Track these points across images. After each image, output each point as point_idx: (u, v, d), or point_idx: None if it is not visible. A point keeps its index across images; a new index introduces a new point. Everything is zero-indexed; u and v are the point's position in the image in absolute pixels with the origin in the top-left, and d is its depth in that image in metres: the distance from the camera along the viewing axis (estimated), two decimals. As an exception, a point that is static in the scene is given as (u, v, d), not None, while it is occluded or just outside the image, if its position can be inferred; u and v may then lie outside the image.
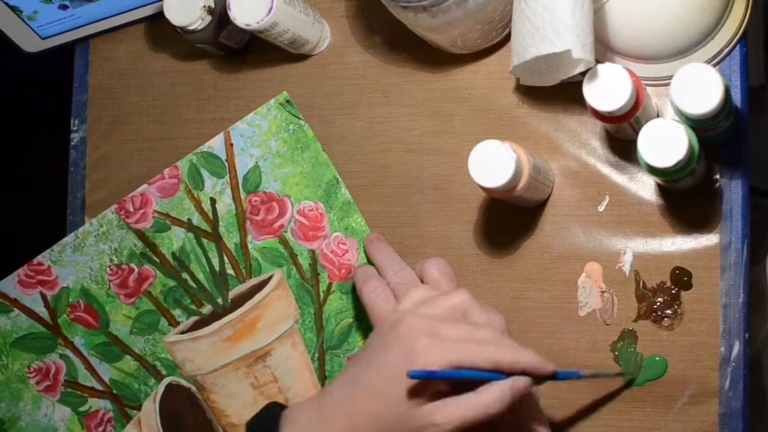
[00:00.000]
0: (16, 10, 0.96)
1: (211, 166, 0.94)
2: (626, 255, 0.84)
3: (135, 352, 0.95)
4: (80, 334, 0.96)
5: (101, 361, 0.95)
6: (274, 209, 0.92)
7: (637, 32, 0.81)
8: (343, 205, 0.91)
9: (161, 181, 0.95)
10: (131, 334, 0.95)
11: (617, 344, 0.83)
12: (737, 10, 0.81)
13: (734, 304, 0.81)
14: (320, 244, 0.91)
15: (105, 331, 0.95)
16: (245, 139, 0.93)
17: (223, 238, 0.93)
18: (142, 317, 0.95)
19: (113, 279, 0.96)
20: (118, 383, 0.95)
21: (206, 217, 0.93)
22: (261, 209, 0.92)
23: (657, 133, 0.74)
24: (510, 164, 0.76)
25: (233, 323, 0.92)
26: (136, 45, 1.00)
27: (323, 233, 0.91)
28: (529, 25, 0.77)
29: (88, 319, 0.96)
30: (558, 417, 0.84)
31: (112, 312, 0.95)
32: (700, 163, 0.77)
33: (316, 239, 0.91)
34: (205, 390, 0.93)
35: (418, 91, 0.91)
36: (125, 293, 0.95)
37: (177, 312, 0.94)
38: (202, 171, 0.94)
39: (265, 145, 0.92)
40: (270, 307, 0.92)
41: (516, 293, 0.86)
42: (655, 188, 0.84)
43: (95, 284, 0.96)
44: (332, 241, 0.91)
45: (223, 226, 0.93)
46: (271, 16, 0.85)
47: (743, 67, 0.82)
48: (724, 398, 0.80)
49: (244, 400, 0.92)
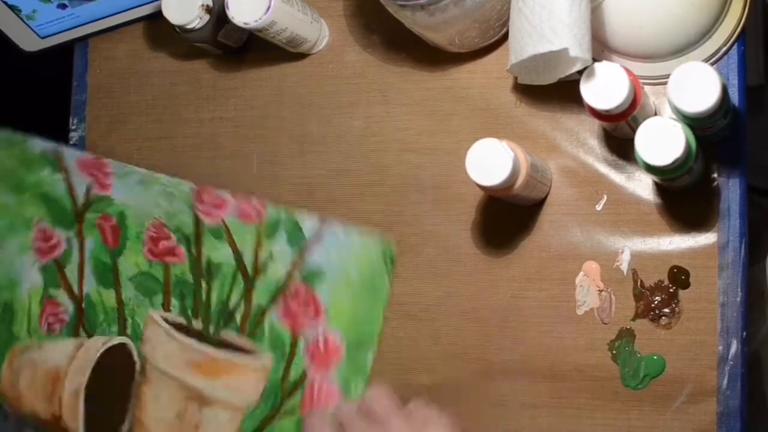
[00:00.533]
0: (15, 10, 0.96)
1: (292, 234, 0.91)
2: (624, 254, 0.84)
3: (120, 294, 0.95)
4: (94, 239, 0.96)
5: (92, 274, 0.96)
6: (310, 310, 0.90)
7: (635, 31, 0.81)
8: (359, 367, 0.89)
9: (243, 203, 0.92)
10: (129, 280, 0.95)
11: (615, 343, 0.83)
12: (735, 8, 0.81)
13: (732, 302, 0.81)
14: (316, 374, 0.89)
15: (113, 256, 0.95)
16: (334, 242, 0.90)
17: (254, 291, 0.92)
18: (147, 278, 0.95)
19: (150, 230, 0.95)
20: (90, 302, 0.95)
21: (256, 263, 0.92)
22: (300, 300, 0.91)
23: (654, 131, 0.74)
24: (507, 162, 0.76)
25: (206, 355, 0.92)
26: (135, 44, 1.00)
27: (327, 369, 0.89)
28: (527, 23, 0.77)
29: (108, 236, 0.96)
30: (557, 416, 0.84)
31: (130, 249, 0.95)
32: (698, 162, 0.77)
33: (317, 367, 0.90)
34: (145, 377, 0.93)
35: (416, 90, 0.91)
36: (150, 249, 0.95)
37: (175, 302, 0.94)
38: (281, 229, 0.92)
39: (344, 263, 0.90)
40: (240, 374, 0.91)
41: (514, 292, 0.86)
42: (653, 187, 0.84)
43: (134, 219, 0.95)
44: (327, 382, 0.89)
45: (261, 282, 0.92)
46: (269, 14, 0.85)
47: (741, 65, 0.82)
48: (722, 397, 0.80)
49: (164, 415, 0.92)
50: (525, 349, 0.86)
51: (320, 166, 0.93)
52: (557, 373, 0.84)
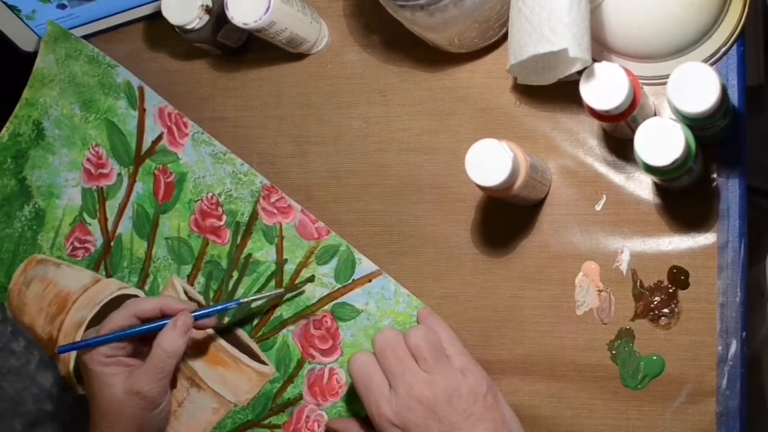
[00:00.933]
0: (14, 10, 0.96)
1: (343, 267, 0.90)
2: (623, 254, 0.84)
3: (152, 249, 0.95)
4: (146, 186, 0.96)
5: (131, 218, 0.96)
6: (327, 343, 0.90)
7: (635, 31, 0.81)
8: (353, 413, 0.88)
9: (308, 221, 0.91)
10: (165, 239, 0.95)
11: (614, 343, 0.83)
12: (735, 8, 0.81)
13: (731, 302, 0.81)
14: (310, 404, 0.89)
15: (158, 211, 0.95)
16: (380, 292, 0.89)
17: (281, 302, 0.91)
18: (183, 245, 0.94)
19: (203, 202, 0.95)
20: (120, 244, 0.95)
21: (295, 277, 0.91)
22: (321, 330, 0.90)
23: (654, 131, 0.74)
24: (507, 163, 0.76)
25: (213, 341, 0.92)
26: (135, 44, 1.00)
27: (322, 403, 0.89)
28: (527, 24, 0.77)
29: (161, 188, 0.96)
30: (557, 415, 0.84)
31: (177, 210, 0.95)
32: (698, 162, 0.77)
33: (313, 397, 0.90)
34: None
35: (415, 91, 0.91)
36: (196, 220, 0.95)
37: (200, 280, 0.94)
38: (335, 258, 0.90)
39: (381, 314, 0.88)
40: (239, 373, 0.91)
41: (513, 292, 0.86)
42: (653, 187, 0.84)
43: (193, 186, 0.95)
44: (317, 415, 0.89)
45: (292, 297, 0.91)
46: (268, 15, 0.85)
47: (740, 65, 0.82)
48: (722, 397, 0.80)
49: None
50: (524, 349, 0.86)
51: (320, 166, 0.93)
52: (557, 373, 0.85)
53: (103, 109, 0.98)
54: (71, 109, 0.98)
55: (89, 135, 0.98)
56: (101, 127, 0.98)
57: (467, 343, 0.86)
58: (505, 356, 0.86)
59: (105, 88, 0.98)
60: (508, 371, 0.86)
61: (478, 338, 0.87)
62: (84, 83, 0.98)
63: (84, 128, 0.98)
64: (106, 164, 0.97)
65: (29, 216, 0.98)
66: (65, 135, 0.98)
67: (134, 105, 0.97)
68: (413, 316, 0.88)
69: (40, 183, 0.98)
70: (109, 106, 0.98)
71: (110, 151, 0.97)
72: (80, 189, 0.97)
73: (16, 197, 0.99)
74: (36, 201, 0.98)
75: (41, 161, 0.99)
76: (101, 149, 0.97)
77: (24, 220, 0.98)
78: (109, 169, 0.97)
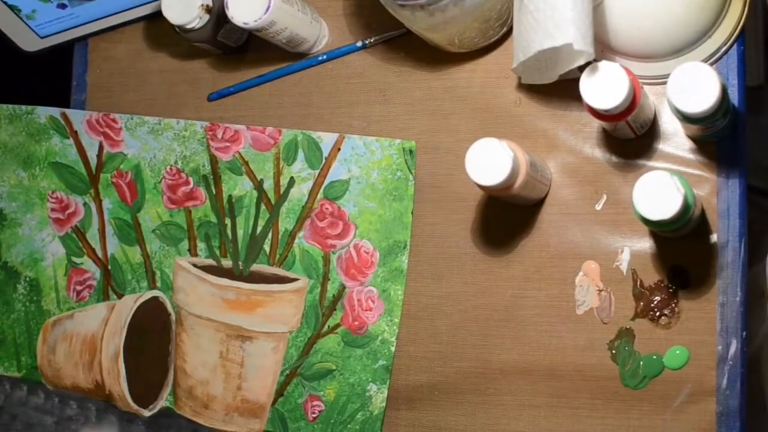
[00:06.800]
0: (14, 9, 0.96)
1: (311, 153, 0.92)
2: (623, 253, 0.84)
3: (146, 249, 0.95)
4: (111, 199, 0.96)
5: (114, 234, 0.96)
6: (338, 226, 0.90)
7: (635, 30, 0.81)
8: (395, 270, 0.89)
9: (259, 134, 0.93)
10: (153, 232, 0.95)
11: (614, 343, 0.83)
12: (734, 8, 0.81)
13: (731, 302, 0.81)
14: (354, 287, 0.90)
15: (133, 212, 0.96)
16: (353, 154, 0.91)
17: (279, 218, 0.92)
18: (170, 226, 0.95)
19: (167, 178, 0.95)
20: (116, 262, 0.96)
21: (278, 189, 0.92)
22: (327, 219, 0.91)
23: (653, 185, 0.72)
24: (507, 162, 0.76)
25: (240, 292, 0.92)
26: (135, 44, 1.00)
27: (363, 279, 0.90)
28: (533, 20, 0.77)
29: (126, 192, 0.96)
30: (557, 416, 0.84)
31: (149, 201, 0.96)
32: (695, 213, 0.76)
33: (353, 279, 0.90)
34: (182, 326, 0.93)
35: (415, 90, 0.91)
36: (170, 197, 0.95)
37: (201, 246, 0.94)
38: (300, 151, 0.92)
39: (367, 172, 0.90)
40: (278, 303, 0.92)
41: (514, 292, 0.86)
42: (653, 187, 0.84)
43: (150, 170, 0.96)
44: (366, 292, 0.90)
45: (286, 207, 0.92)
46: (268, 14, 0.85)
47: (740, 65, 0.82)
48: (722, 397, 0.80)
49: (206, 359, 0.92)
50: (524, 349, 0.86)
51: (320, 165, 0.93)
52: (557, 373, 0.85)
53: (42, 157, 0.98)
54: (17, 176, 0.99)
55: (42, 188, 0.98)
56: (50, 174, 0.98)
57: (467, 342, 0.86)
58: (505, 356, 0.86)
59: (35, 137, 0.98)
60: (508, 371, 0.86)
61: (478, 338, 0.87)
62: (16, 145, 0.99)
63: (35, 185, 0.99)
64: (69, 203, 0.98)
65: (25, 292, 0.99)
66: (22, 202, 0.99)
67: (65, 134, 0.98)
68: (393, 156, 0.89)
69: (21, 258, 0.99)
70: (47, 150, 0.98)
71: (67, 189, 0.98)
72: (58, 240, 0.98)
73: (6, 284, 0.99)
74: (25, 275, 0.99)
75: (13, 238, 0.99)
76: (59, 193, 0.98)
77: (22, 299, 0.99)
78: (74, 207, 0.97)
